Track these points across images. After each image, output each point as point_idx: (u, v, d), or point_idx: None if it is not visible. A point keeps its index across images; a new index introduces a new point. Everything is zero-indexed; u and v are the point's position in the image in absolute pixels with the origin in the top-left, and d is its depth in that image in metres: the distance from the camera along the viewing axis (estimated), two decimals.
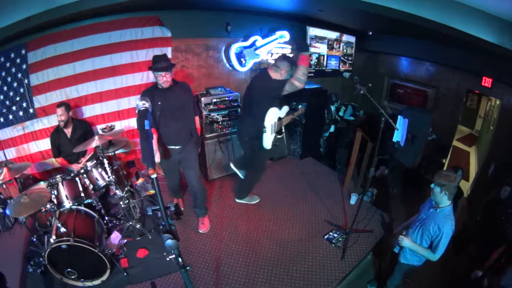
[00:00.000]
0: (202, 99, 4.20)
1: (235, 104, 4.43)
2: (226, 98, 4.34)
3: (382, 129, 2.97)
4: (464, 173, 6.33)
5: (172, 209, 1.68)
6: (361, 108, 6.46)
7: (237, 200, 4.23)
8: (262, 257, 3.33)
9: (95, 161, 3.25)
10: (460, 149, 7.60)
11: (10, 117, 3.64)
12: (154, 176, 1.36)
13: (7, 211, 2.50)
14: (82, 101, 3.93)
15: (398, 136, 3.41)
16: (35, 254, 2.97)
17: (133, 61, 3.98)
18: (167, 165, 3.39)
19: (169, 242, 1.46)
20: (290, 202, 4.26)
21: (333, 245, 3.48)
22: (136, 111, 1.65)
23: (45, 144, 3.81)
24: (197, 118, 3.38)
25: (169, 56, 4.07)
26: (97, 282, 2.80)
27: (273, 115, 3.52)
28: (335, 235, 3.61)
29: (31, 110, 3.69)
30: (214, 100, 4.26)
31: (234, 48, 4.53)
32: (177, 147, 3.20)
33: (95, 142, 3.05)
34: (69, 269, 2.67)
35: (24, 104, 3.64)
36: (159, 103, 2.94)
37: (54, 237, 2.52)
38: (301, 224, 3.84)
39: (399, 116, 3.42)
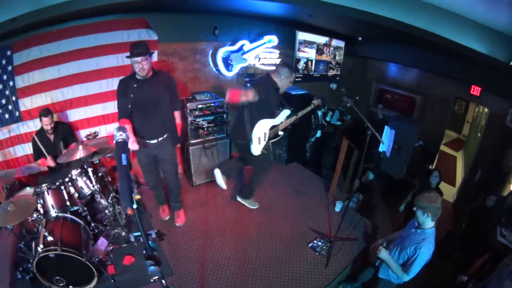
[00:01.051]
0: (188, 104, 4.14)
1: (221, 110, 4.37)
2: (212, 104, 4.28)
3: (368, 140, 2.96)
4: (450, 178, 6.42)
5: (153, 236, 1.63)
6: (349, 113, 6.45)
7: (238, 199, 4.22)
8: (247, 265, 3.29)
9: (79, 170, 3.19)
10: (447, 153, 7.67)
11: None
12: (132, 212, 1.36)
13: None
14: (67, 104, 3.84)
15: (384, 146, 3.40)
16: (23, 261, 2.94)
17: (119, 64, 3.89)
18: (143, 159, 3.30)
19: (152, 268, 1.47)
20: (275, 209, 4.24)
21: (317, 253, 3.46)
22: (114, 142, 1.55)
23: (30, 148, 3.68)
24: (177, 113, 3.28)
25: (155, 59, 4.06)
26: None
27: (263, 127, 3.46)
28: (319, 243, 3.59)
29: (16, 113, 3.59)
30: (200, 106, 4.20)
31: (221, 52, 4.48)
32: (152, 142, 3.13)
33: (79, 153, 2.98)
34: (57, 277, 2.68)
35: (10, 107, 3.54)
36: (131, 95, 2.87)
37: (41, 245, 2.54)
38: (286, 232, 3.81)
39: (385, 127, 3.42)
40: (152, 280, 1.52)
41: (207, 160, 4.51)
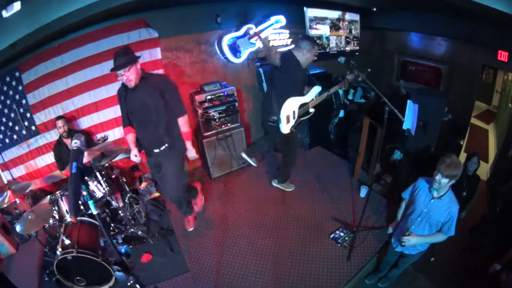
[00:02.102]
0: (196, 97, 4.02)
1: (231, 99, 4.22)
2: (221, 94, 4.13)
3: (387, 118, 2.70)
4: (482, 154, 6.01)
5: (120, 241, 1.63)
6: (372, 89, 6.11)
7: (274, 184, 4.23)
8: (263, 260, 3.21)
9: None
10: (478, 127, 7.17)
11: (15, 137, 3.81)
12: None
13: (17, 228, 2.70)
14: (79, 113, 3.98)
15: (408, 123, 3.12)
16: (49, 264, 3.08)
17: None
18: (151, 168, 3.27)
19: (119, 274, 1.48)
20: (295, 198, 4.08)
21: (339, 244, 3.29)
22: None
23: (51, 158, 3.96)
24: (181, 120, 2.93)
25: (159, 56, 3.99)
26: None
27: (292, 105, 3.34)
28: (342, 234, 3.42)
29: (33, 128, 3.84)
30: (209, 97, 4.07)
31: (226, 39, 4.26)
32: (155, 151, 2.98)
33: (84, 158, 2.95)
34: (78, 277, 2.80)
35: (26, 123, 3.78)
36: (125, 105, 2.79)
37: (60, 249, 2.68)
38: (306, 223, 3.67)
39: (408, 101, 3.13)
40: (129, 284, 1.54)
41: (222, 151, 4.40)
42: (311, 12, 5.04)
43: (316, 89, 3.47)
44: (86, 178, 3.18)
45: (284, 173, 4.11)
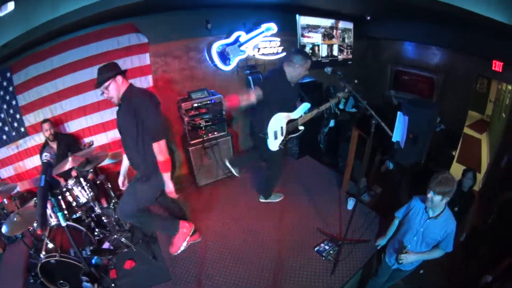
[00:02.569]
0: (182, 104, 3.96)
1: (218, 107, 4.16)
2: (208, 102, 4.07)
3: (373, 131, 2.65)
4: (475, 163, 5.95)
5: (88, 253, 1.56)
6: (364, 99, 6.04)
7: (261, 200, 4.09)
8: (246, 269, 3.15)
9: (75, 179, 3.28)
10: (471, 136, 7.12)
11: (4, 137, 3.79)
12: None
13: (3, 229, 2.70)
14: (67, 116, 3.96)
15: (397, 136, 3.05)
16: (35, 266, 3.07)
17: None
18: None
19: (86, 285, 1.40)
20: (282, 208, 4.00)
21: (324, 258, 3.20)
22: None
23: (39, 160, 3.95)
24: (156, 145, 2.47)
25: (148, 62, 3.96)
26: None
27: (279, 121, 3.24)
28: (327, 247, 3.32)
29: (22, 129, 3.83)
30: (195, 105, 4.01)
31: (216, 46, 4.21)
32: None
33: (68, 164, 3.06)
34: (61, 281, 2.81)
35: (16, 124, 3.77)
36: None
37: (43, 252, 2.68)
38: (291, 233, 3.58)
39: (398, 113, 3.06)
40: None
41: (209, 160, 4.33)
42: (303, 20, 5.01)
43: (305, 106, 3.36)
44: (57, 190, 3.14)
45: (267, 188, 4.02)
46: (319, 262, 3.17)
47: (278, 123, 3.22)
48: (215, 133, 4.27)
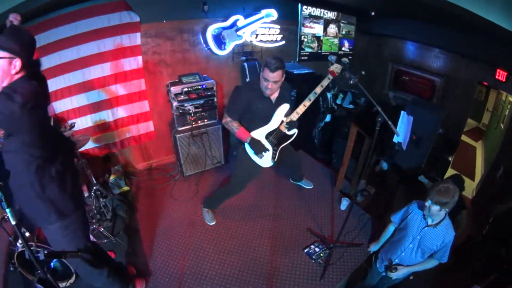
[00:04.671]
0: (172, 88, 3.71)
1: (209, 93, 3.92)
2: (199, 87, 3.81)
3: (378, 130, 2.45)
4: (469, 171, 5.86)
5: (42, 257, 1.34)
6: (363, 96, 5.87)
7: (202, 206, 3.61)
8: (229, 268, 2.95)
9: None
10: (466, 143, 7.06)
11: None
12: None
13: None
14: (52, 96, 3.60)
15: (400, 137, 2.86)
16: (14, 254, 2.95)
17: (100, 51, 3.61)
18: None
19: None
20: (271, 205, 3.80)
21: (313, 261, 3.00)
22: None
23: None
24: None
25: (138, 42, 3.70)
26: (66, 284, 2.73)
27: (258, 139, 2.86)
28: (317, 249, 3.12)
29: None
30: (185, 89, 3.74)
31: (211, 29, 3.93)
32: None
33: None
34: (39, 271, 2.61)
35: None
36: None
37: (20, 241, 2.53)
38: (280, 232, 3.38)
39: (402, 113, 2.87)
40: None
41: (197, 148, 4.09)
42: (306, 10, 4.76)
43: (282, 109, 2.87)
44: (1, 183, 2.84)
45: (211, 198, 3.55)
46: (308, 265, 2.97)
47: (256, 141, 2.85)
48: (205, 120, 4.02)
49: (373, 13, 5.22)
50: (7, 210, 1.22)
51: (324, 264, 2.89)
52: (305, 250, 3.11)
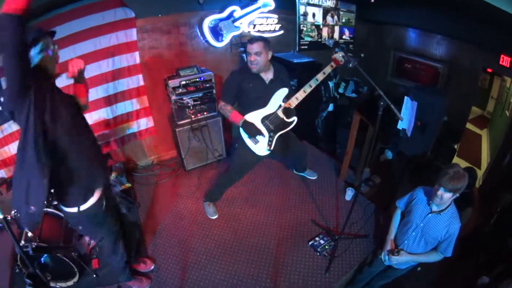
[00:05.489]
0: (170, 82, 3.64)
1: (208, 85, 3.85)
2: (197, 79, 3.74)
3: (381, 114, 2.36)
4: (475, 159, 5.77)
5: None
6: (366, 84, 5.77)
7: (204, 200, 3.60)
8: (232, 262, 2.91)
9: None
10: (471, 131, 6.94)
11: None
12: None
13: None
14: None
15: (404, 123, 2.78)
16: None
17: (96, 48, 3.58)
18: None
19: None
20: (273, 197, 3.74)
21: (318, 253, 2.94)
22: None
23: None
24: None
25: (134, 38, 3.66)
26: (69, 283, 2.73)
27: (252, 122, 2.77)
28: (322, 241, 3.05)
29: (5, 113, 3.35)
30: (183, 82, 3.68)
31: (208, 21, 3.84)
32: None
33: None
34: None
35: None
36: None
37: (23, 241, 2.50)
38: (283, 225, 3.32)
39: (405, 98, 2.78)
40: None
41: (197, 142, 4.03)
42: None
43: (281, 93, 2.78)
44: None
45: (211, 191, 3.52)
46: (313, 258, 2.91)
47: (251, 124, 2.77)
48: (205, 113, 3.96)
49: (372, 0, 5.11)
50: None
51: (329, 257, 2.83)
52: (310, 243, 3.05)
